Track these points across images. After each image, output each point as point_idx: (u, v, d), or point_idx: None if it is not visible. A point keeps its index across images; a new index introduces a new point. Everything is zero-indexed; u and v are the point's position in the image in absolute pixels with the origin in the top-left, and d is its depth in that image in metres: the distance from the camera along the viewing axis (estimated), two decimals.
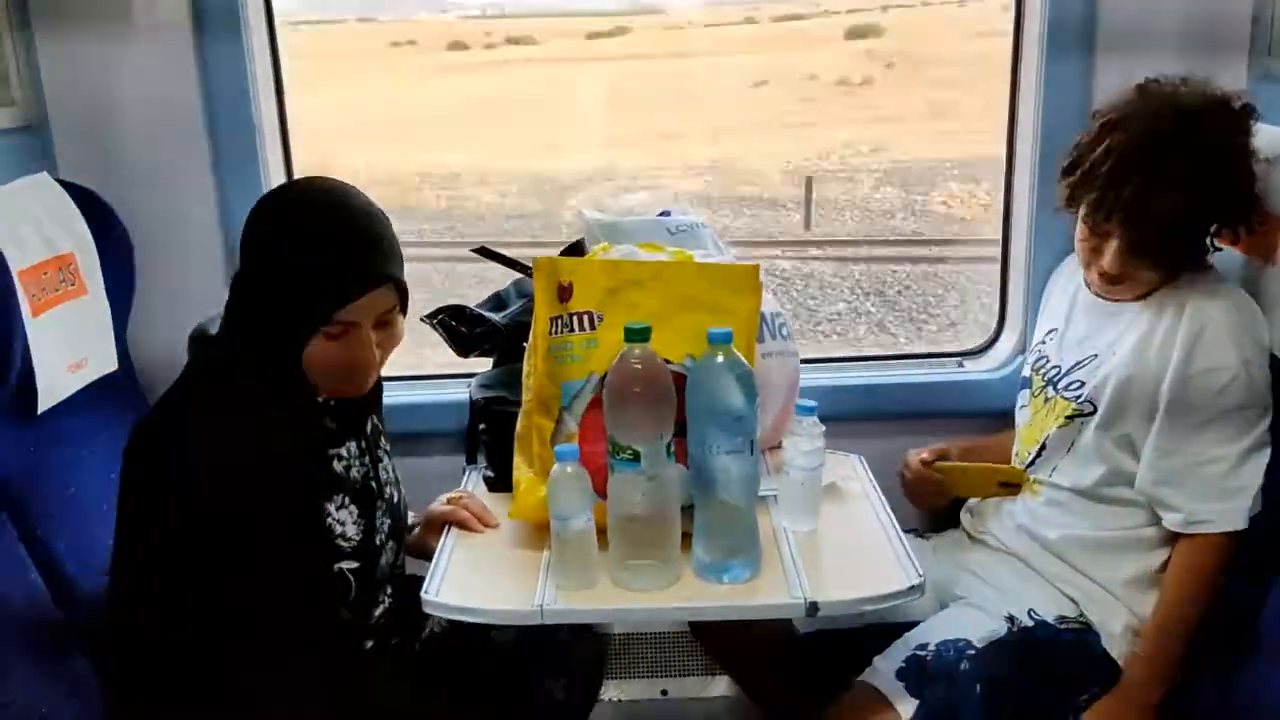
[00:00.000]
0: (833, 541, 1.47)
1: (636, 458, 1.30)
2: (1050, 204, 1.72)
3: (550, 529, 1.35)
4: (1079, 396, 1.58)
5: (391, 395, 1.97)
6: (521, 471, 1.48)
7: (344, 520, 1.38)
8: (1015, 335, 1.99)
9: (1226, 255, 1.56)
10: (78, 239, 1.54)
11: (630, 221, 1.76)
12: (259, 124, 1.84)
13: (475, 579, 1.39)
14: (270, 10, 1.87)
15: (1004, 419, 1.81)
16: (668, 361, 1.39)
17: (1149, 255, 1.48)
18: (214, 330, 1.36)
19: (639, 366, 1.30)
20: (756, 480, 1.36)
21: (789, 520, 1.50)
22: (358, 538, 1.39)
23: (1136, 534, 1.56)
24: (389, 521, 1.46)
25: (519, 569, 1.40)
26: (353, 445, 1.42)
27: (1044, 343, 1.73)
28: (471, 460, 1.76)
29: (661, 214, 1.85)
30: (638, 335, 1.30)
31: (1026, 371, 1.76)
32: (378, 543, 1.43)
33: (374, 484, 1.44)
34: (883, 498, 1.60)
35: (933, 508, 1.80)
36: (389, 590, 1.49)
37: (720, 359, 1.31)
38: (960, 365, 2.06)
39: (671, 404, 1.31)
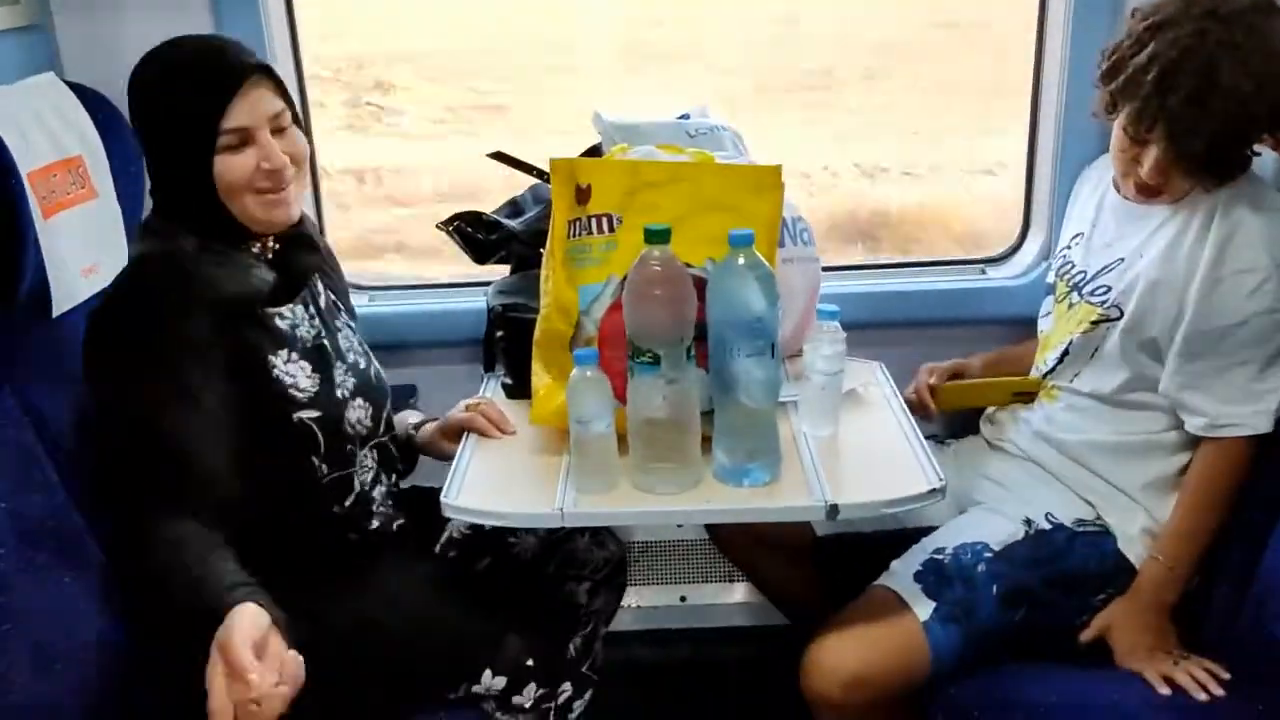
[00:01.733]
0: (853, 446, 1.47)
1: (656, 361, 1.29)
2: (1079, 105, 1.66)
3: (570, 433, 1.35)
4: (1105, 301, 1.56)
5: (408, 303, 2.00)
6: (540, 378, 1.48)
7: (294, 373, 1.38)
8: (1040, 240, 1.95)
9: (1261, 159, 1.51)
10: (86, 141, 1.51)
11: (649, 123, 1.72)
12: (267, 23, 1.79)
13: (495, 484, 1.39)
14: None
15: (1028, 326, 1.79)
16: (688, 264, 1.36)
17: (1190, 166, 1.43)
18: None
19: (659, 268, 1.28)
20: (777, 383, 1.35)
21: (809, 425, 1.49)
22: (313, 389, 1.39)
23: (1157, 438, 1.54)
24: (353, 381, 1.45)
25: (539, 474, 1.41)
26: (299, 309, 1.41)
27: (1069, 248, 1.69)
28: (490, 368, 1.75)
29: (681, 117, 1.81)
30: (658, 237, 1.27)
31: (1051, 278, 1.73)
32: (339, 396, 1.42)
33: (327, 344, 1.43)
34: (903, 404, 1.59)
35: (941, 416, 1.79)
36: (376, 458, 1.49)
37: (741, 261, 1.29)
38: (983, 272, 2.02)
39: (692, 306, 1.29)
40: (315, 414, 1.38)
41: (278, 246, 1.44)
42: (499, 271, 1.82)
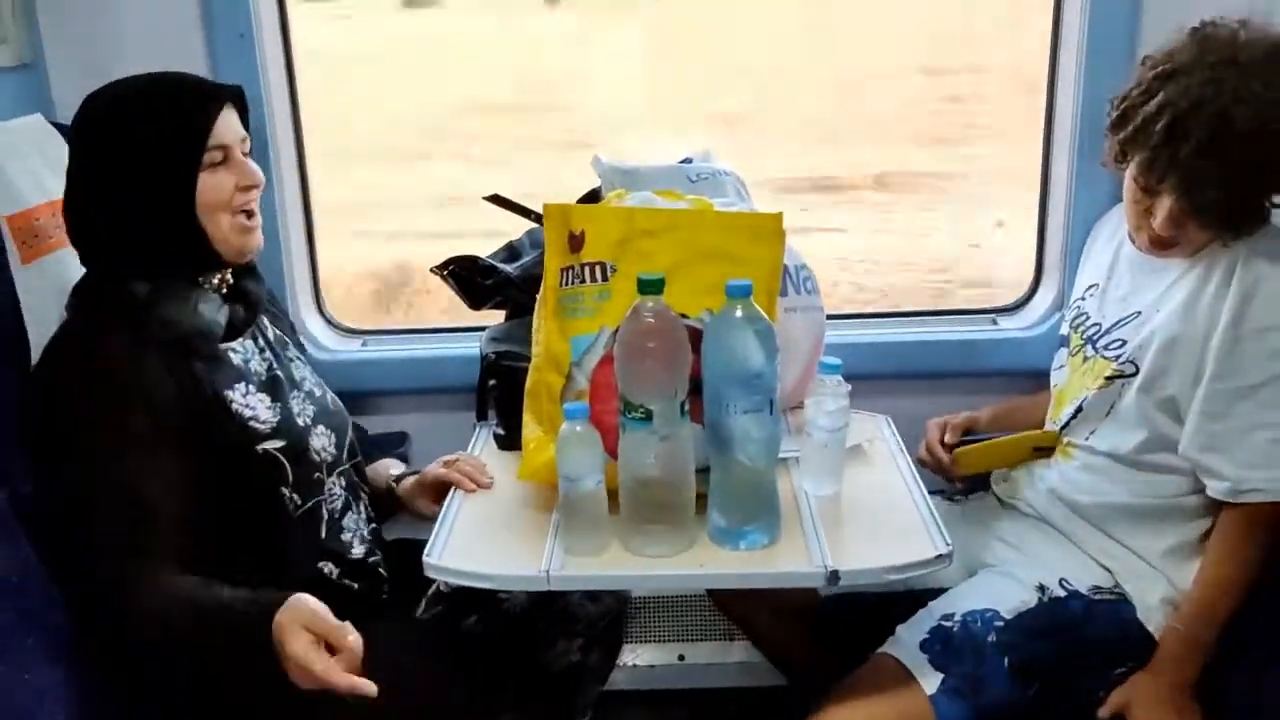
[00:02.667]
0: (856, 506, 1.41)
1: (649, 417, 1.23)
2: (1093, 152, 1.62)
3: (559, 490, 1.29)
4: (1120, 356, 1.49)
5: (401, 349, 1.96)
6: (531, 430, 1.42)
7: (254, 405, 1.38)
8: (1053, 291, 1.90)
9: None
10: None
11: (649, 168, 1.68)
12: (262, 62, 1.77)
13: (480, 542, 1.34)
14: None
15: (1040, 379, 1.72)
16: (684, 315, 1.32)
17: (1205, 219, 1.38)
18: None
19: (652, 320, 1.23)
20: (776, 441, 1.29)
21: (811, 483, 1.43)
22: (275, 419, 1.39)
23: (1177, 502, 1.47)
24: (312, 409, 1.47)
25: (526, 532, 1.35)
26: (248, 343, 1.43)
27: (1084, 299, 1.63)
28: (482, 417, 1.70)
29: (683, 161, 1.77)
30: (651, 287, 1.22)
31: (1064, 330, 1.67)
32: (301, 424, 1.43)
33: (281, 375, 1.45)
34: (910, 461, 1.53)
35: (960, 478, 1.72)
36: (344, 484, 1.49)
37: (739, 313, 1.24)
38: (994, 322, 1.97)
39: (686, 360, 1.24)
40: (279, 443, 1.38)
41: (231, 280, 1.44)
42: (495, 317, 1.77)
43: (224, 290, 1.42)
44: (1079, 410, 1.55)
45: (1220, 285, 1.39)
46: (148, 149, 1.31)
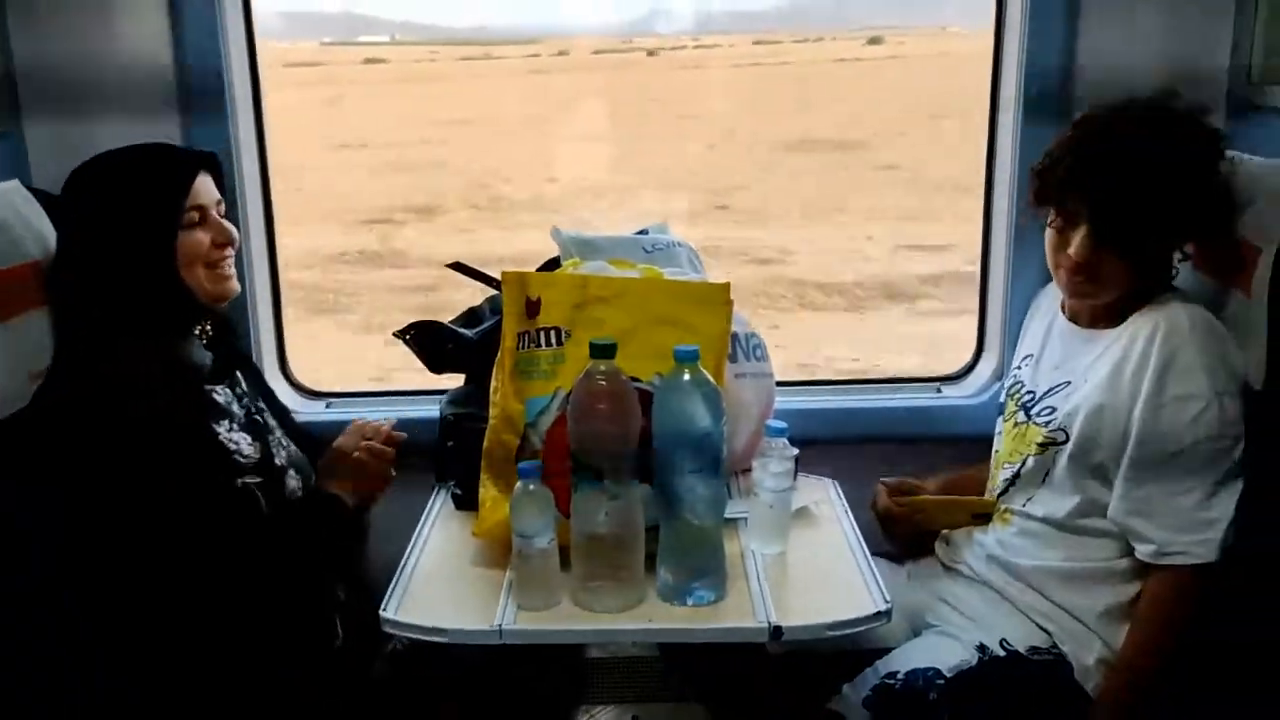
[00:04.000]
0: (801, 565, 1.45)
1: (600, 476, 1.28)
2: (1028, 231, 1.71)
3: (513, 548, 1.33)
4: (1050, 423, 1.57)
5: (364, 410, 1.99)
6: (487, 489, 1.46)
7: (238, 441, 1.47)
8: (994, 360, 1.98)
9: (1202, 283, 1.56)
10: (46, 246, 1.53)
11: (606, 239, 1.75)
12: (234, 132, 1.83)
13: (435, 597, 1.37)
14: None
15: (983, 445, 1.79)
16: (636, 379, 1.37)
17: (1117, 244, 1.47)
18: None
19: (603, 383, 1.28)
20: (723, 500, 1.35)
21: (757, 543, 1.48)
22: (256, 455, 1.48)
23: (1110, 565, 1.53)
24: (285, 453, 1.57)
25: (480, 588, 1.38)
26: (228, 390, 1.54)
27: (1020, 368, 1.71)
28: (441, 478, 1.73)
29: (639, 232, 1.84)
30: (603, 351, 1.28)
31: (1003, 398, 1.75)
32: (279, 463, 1.53)
33: (260, 420, 1.56)
34: (854, 523, 1.57)
35: (903, 540, 1.77)
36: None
37: (687, 377, 1.30)
38: (939, 390, 2.04)
39: (636, 422, 1.29)
40: (258, 479, 1.46)
41: (211, 331, 1.54)
42: (457, 380, 1.81)
43: (204, 339, 1.53)
44: (1016, 476, 1.61)
45: (1142, 356, 1.47)
46: (132, 212, 1.43)
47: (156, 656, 1.38)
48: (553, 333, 1.43)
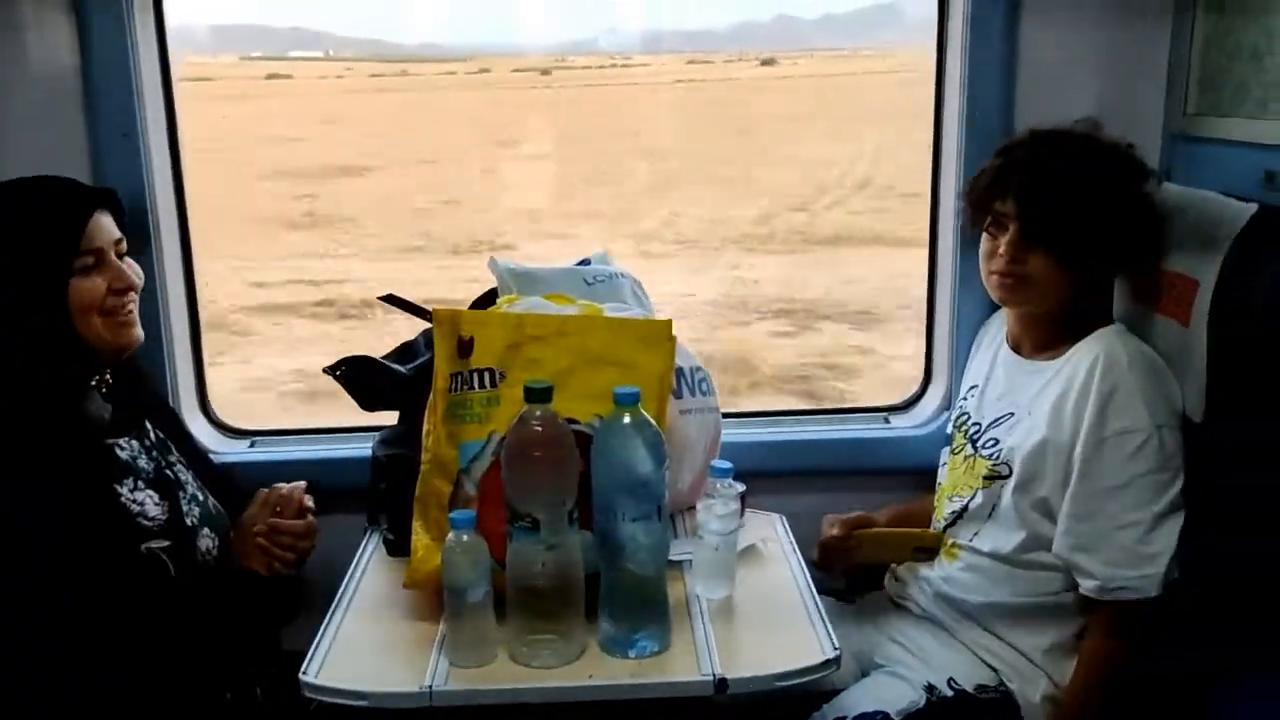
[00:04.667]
0: (748, 609, 1.41)
1: (536, 526, 1.23)
2: (974, 260, 1.69)
3: (444, 601, 1.27)
4: (994, 456, 1.55)
5: (291, 450, 1.91)
6: (419, 536, 1.39)
7: (142, 501, 1.37)
8: (941, 390, 1.96)
9: (1135, 311, 1.56)
10: None
11: (545, 270, 1.70)
12: (146, 160, 1.74)
13: (361, 657, 1.30)
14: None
15: (930, 476, 1.76)
16: (575, 422, 1.32)
17: (1044, 239, 1.47)
18: None
19: (539, 428, 1.23)
20: (665, 548, 1.30)
21: (703, 587, 1.43)
22: (163, 517, 1.38)
23: (1056, 600, 1.51)
24: (199, 510, 1.47)
25: (411, 644, 1.32)
26: (134, 443, 1.42)
27: (965, 399, 1.70)
28: (374, 521, 1.66)
29: (580, 263, 1.79)
30: (538, 395, 1.22)
31: (949, 429, 1.72)
32: (189, 524, 1.43)
33: (170, 475, 1.45)
34: (803, 562, 1.54)
35: (844, 572, 1.74)
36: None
37: (627, 420, 1.25)
38: (886, 421, 2.02)
39: (574, 469, 1.24)
40: (165, 543, 1.36)
41: (111, 381, 1.42)
42: (391, 417, 1.74)
43: (103, 390, 1.41)
44: (963, 511, 1.59)
45: (1082, 390, 1.46)
46: (17, 257, 1.31)
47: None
48: (486, 374, 1.36)
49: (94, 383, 1.40)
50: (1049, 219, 1.46)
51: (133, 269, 1.41)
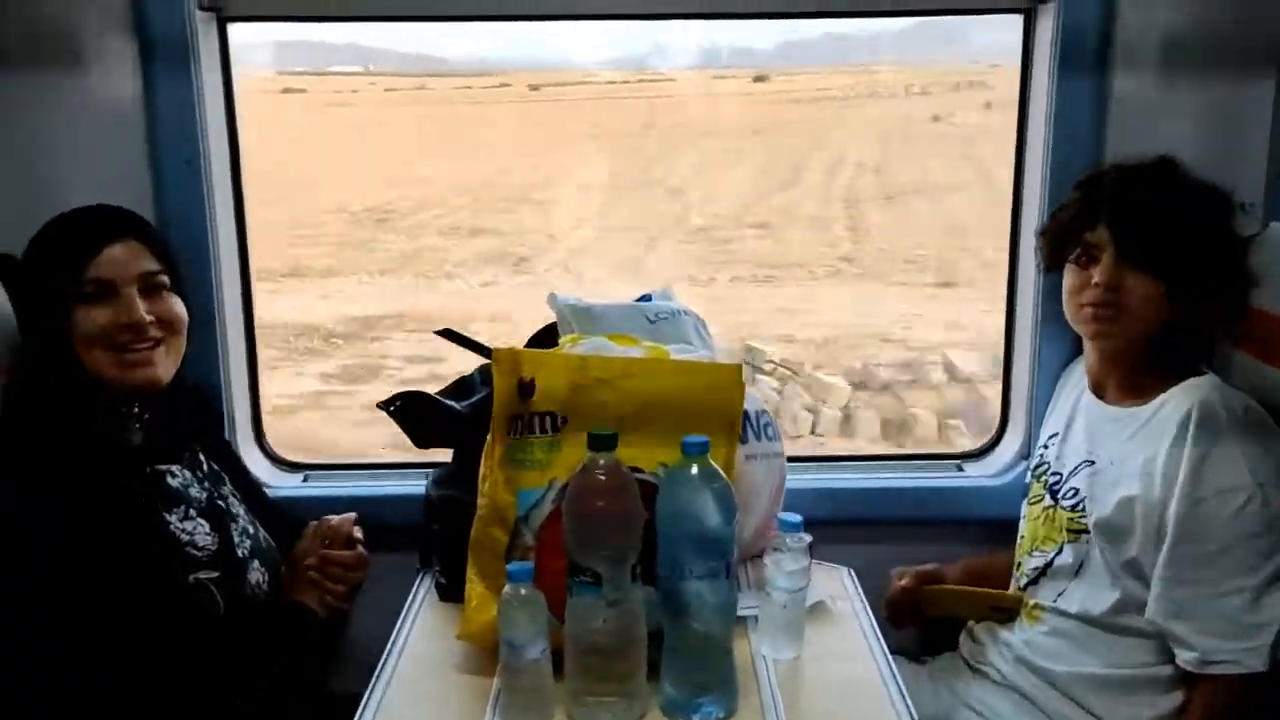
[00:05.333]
0: (818, 672, 1.33)
1: (598, 581, 1.16)
2: (1056, 298, 1.61)
3: (499, 656, 1.20)
4: (1076, 506, 1.46)
5: (344, 485, 1.87)
6: (473, 585, 1.33)
7: (192, 530, 1.34)
8: (1019, 438, 1.86)
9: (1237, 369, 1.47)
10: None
11: (606, 306, 1.64)
12: (208, 190, 1.73)
13: (414, 709, 1.25)
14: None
15: (1007, 528, 1.68)
16: (639, 470, 1.26)
17: (1141, 260, 1.39)
18: None
19: (603, 478, 1.16)
20: (733, 607, 1.23)
21: (769, 647, 1.35)
22: (213, 547, 1.35)
23: (1152, 672, 1.41)
24: (249, 543, 1.43)
25: (464, 699, 1.25)
26: (187, 471, 1.40)
27: (1046, 447, 1.61)
28: (426, 563, 1.61)
29: (641, 299, 1.73)
30: (602, 443, 1.16)
31: (1028, 478, 1.63)
32: (239, 555, 1.39)
33: (223, 505, 1.42)
34: (874, 620, 1.45)
35: (914, 628, 1.65)
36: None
37: (695, 471, 1.18)
38: (960, 469, 1.93)
39: (638, 522, 1.17)
40: (214, 574, 1.33)
41: (145, 414, 1.37)
42: (445, 454, 1.69)
43: (138, 421, 1.37)
44: (1047, 567, 1.49)
45: (1174, 445, 1.36)
46: (33, 280, 1.31)
47: None
48: (548, 418, 1.30)
49: (124, 411, 1.35)
50: (1146, 236, 1.39)
51: (164, 305, 1.35)
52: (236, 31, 1.76)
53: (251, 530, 1.47)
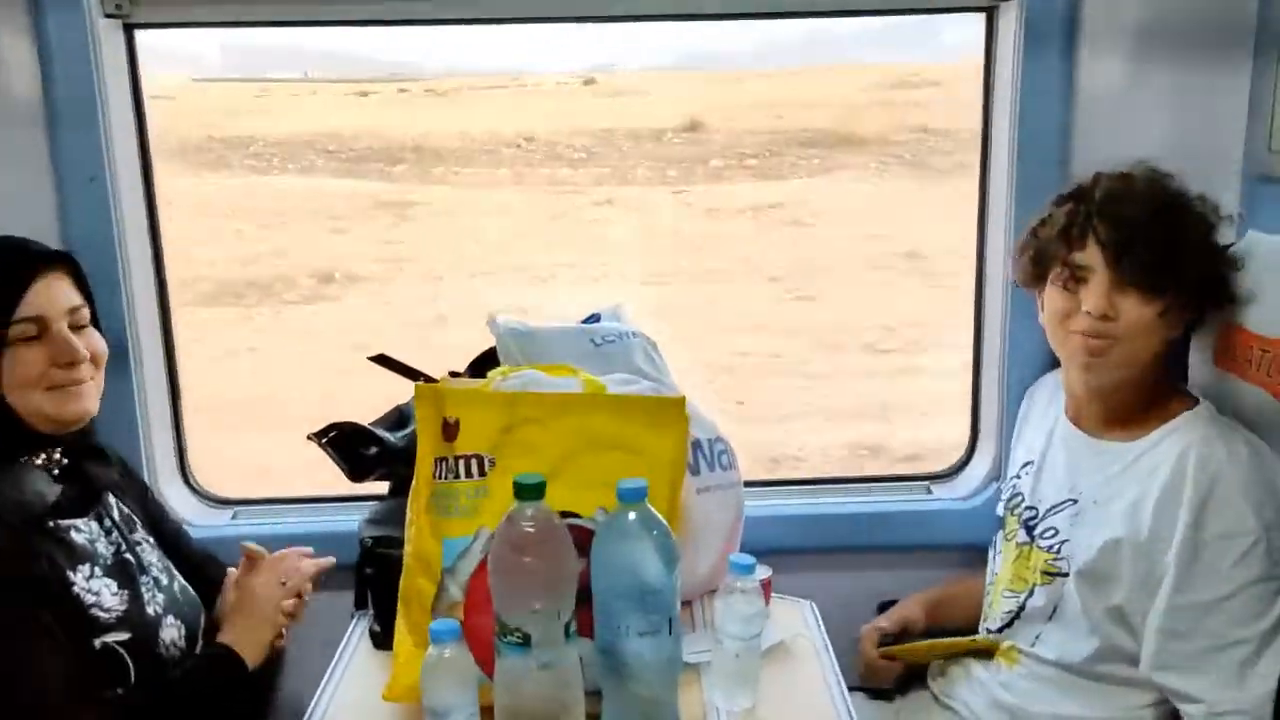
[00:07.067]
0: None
1: (527, 641, 1.06)
2: (1026, 308, 1.52)
3: None
4: (1054, 547, 1.37)
5: (275, 522, 1.76)
6: (401, 639, 1.24)
7: (98, 590, 1.25)
8: (989, 459, 1.78)
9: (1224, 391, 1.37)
10: None
11: (549, 329, 1.54)
12: (117, 208, 1.61)
13: None
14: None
15: (977, 554, 1.59)
16: (574, 516, 1.16)
17: (1139, 281, 1.28)
18: None
19: (530, 530, 1.06)
20: (677, 666, 1.13)
21: (722, 696, 1.26)
22: (121, 608, 1.27)
23: (1136, 715, 1.32)
24: (162, 597, 1.35)
25: None
26: (93, 524, 1.31)
27: (1019, 477, 1.51)
28: (361, 605, 1.51)
29: (589, 319, 1.63)
30: (529, 493, 1.06)
31: (1000, 510, 1.54)
32: (151, 613, 1.31)
33: (130, 559, 1.33)
34: (834, 659, 1.36)
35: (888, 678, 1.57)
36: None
37: (633, 517, 1.09)
38: (928, 491, 1.83)
39: (570, 576, 1.08)
40: (124, 636, 1.25)
41: (64, 460, 1.29)
42: (382, 488, 1.59)
43: (54, 470, 1.28)
44: (1020, 610, 1.41)
45: (1170, 487, 1.27)
46: None
47: None
48: (474, 461, 1.21)
49: (40, 462, 1.26)
50: (1144, 257, 1.28)
51: (89, 341, 1.27)
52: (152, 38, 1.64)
53: (165, 581, 1.37)
